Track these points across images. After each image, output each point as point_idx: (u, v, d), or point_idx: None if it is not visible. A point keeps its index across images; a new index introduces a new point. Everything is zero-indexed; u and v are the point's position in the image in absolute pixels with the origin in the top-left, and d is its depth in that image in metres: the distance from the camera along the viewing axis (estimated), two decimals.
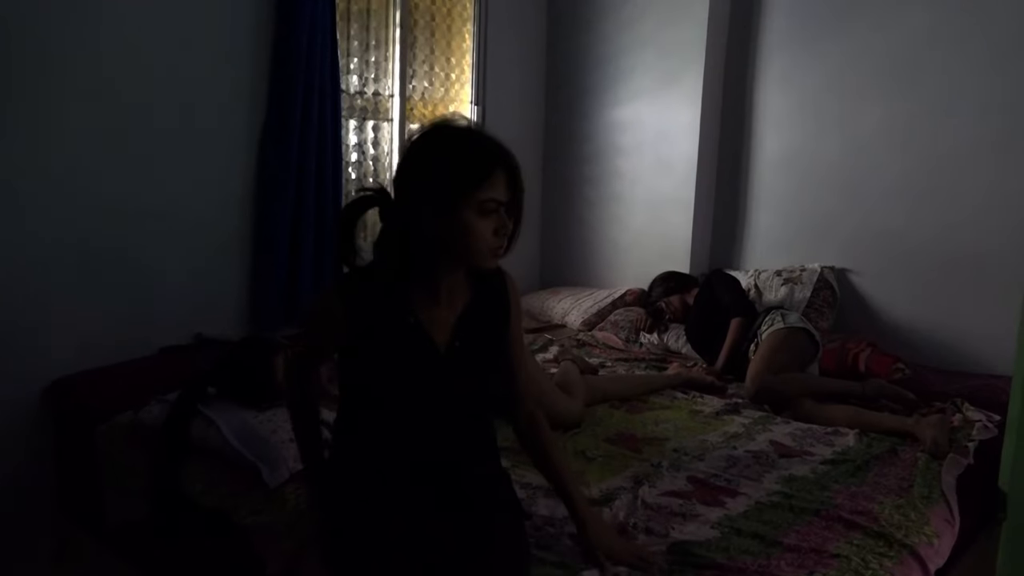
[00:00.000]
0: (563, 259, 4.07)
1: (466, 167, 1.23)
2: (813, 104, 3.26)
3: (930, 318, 3.01)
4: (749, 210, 3.52)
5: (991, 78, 2.79)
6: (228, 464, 1.81)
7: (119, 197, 2.43)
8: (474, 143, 1.27)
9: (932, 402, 2.39)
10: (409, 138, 1.31)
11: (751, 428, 2.24)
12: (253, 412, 1.93)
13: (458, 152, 1.25)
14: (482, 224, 1.24)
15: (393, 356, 1.31)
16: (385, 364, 1.31)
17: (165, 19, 2.46)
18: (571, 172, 3.96)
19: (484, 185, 1.23)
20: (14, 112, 2.18)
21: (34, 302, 2.28)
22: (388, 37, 3.31)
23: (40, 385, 2.32)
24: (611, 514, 1.62)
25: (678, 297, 3.18)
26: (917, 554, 1.54)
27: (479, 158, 1.24)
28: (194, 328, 2.67)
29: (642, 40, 3.59)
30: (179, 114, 2.55)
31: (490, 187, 1.23)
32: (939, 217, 2.95)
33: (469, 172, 1.23)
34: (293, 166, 2.76)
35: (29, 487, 2.34)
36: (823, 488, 1.80)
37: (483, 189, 1.23)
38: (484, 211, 1.24)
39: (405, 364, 1.32)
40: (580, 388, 2.35)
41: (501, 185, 1.25)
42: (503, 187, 1.25)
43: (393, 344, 1.31)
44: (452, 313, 1.35)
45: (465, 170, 1.23)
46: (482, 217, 1.24)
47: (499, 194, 1.24)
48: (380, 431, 1.36)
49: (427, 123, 1.37)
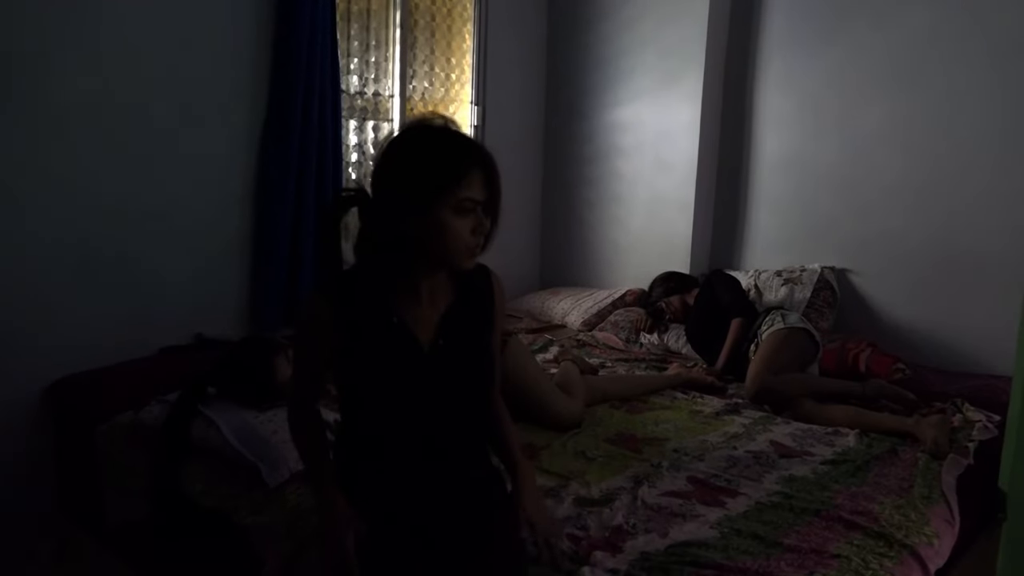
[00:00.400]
0: (563, 259, 4.07)
1: (442, 166, 1.24)
2: (813, 104, 3.26)
3: (930, 318, 3.01)
4: (749, 210, 3.52)
5: (991, 78, 2.79)
6: (228, 464, 1.81)
7: (119, 197, 2.43)
8: (450, 142, 1.27)
9: (932, 402, 2.39)
10: (386, 138, 1.31)
11: (751, 428, 2.24)
12: (253, 412, 1.93)
13: (434, 151, 1.25)
14: (459, 223, 1.24)
15: (378, 355, 1.31)
16: (371, 364, 1.31)
17: (165, 19, 2.46)
18: (571, 173, 3.96)
19: (460, 184, 1.23)
20: (14, 112, 2.18)
21: (34, 302, 2.28)
22: (388, 37, 3.31)
23: (40, 385, 2.32)
24: (611, 514, 1.62)
25: (678, 297, 3.18)
26: (917, 554, 1.54)
27: (455, 157, 1.24)
28: (194, 328, 2.67)
29: (642, 40, 3.59)
30: (179, 114, 2.55)
31: (467, 186, 1.23)
32: (939, 217, 2.95)
33: (445, 171, 1.23)
34: (293, 166, 2.76)
35: (29, 487, 2.34)
36: (823, 488, 1.80)
37: (459, 188, 1.23)
38: (460, 210, 1.24)
39: (390, 363, 1.32)
40: (580, 388, 2.35)
41: (477, 184, 1.25)
42: (479, 186, 1.25)
43: (378, 344, 1.31)
44: (435, 312, 1.36)
45: (441, 169, 1.23)
46: (458, 216, 1.24)
47: (476, 193, 1.24)
48: (374, 432, 1.36)
49: (403, 123, 1.37)
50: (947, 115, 2.90)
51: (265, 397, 1.98)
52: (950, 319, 2.95)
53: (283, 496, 1.68)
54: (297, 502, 1.65)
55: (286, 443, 1.77)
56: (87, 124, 2.33)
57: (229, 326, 2.75)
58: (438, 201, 1.23)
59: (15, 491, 2.30)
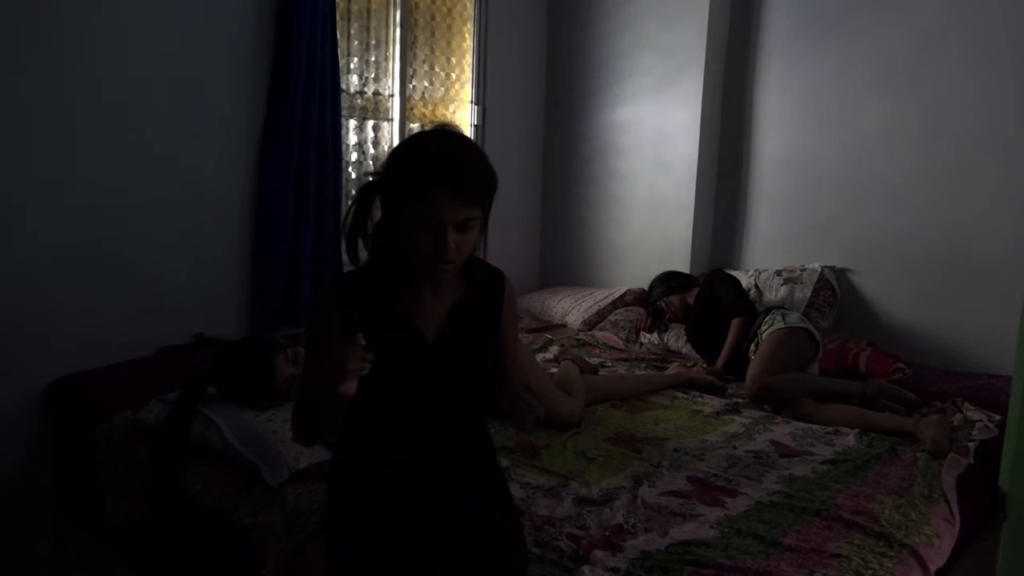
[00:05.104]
0: (563, 259, 4.07)
1: (407, 178, 1.24)
2: (813, 104, 3.26)
3: (930, 318, 3.01)
4: (749, 210, 3.52)
5: (991, 78, 2.79)
6: (228, 464, 1.81)
7: (119, 197, 2.43)
8: (430, 156, 1.24)
9: (932, 402, 2.39)
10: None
11: (751, 428, 2.24)
12: (253, 412, 1.93)
13: (410, 161, 1.26)
14: (422, 236, 1.24)
15: (383, 346, 1.31)
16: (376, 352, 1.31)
17: (165, 19, 2.46)
18: (571, 172, 3.96)
19: (421, 201, 1.21)
20: (14, 112, 2.18)
21: (35, 302, 2.28)
22: (388, 37, 3.31)
23: (40, 385, 2.32)
24: (611, 514, 1.62)
25: (678, 297, 3.18)
26: (917, 554, 1.54)
27: (422, 173, 1.22)
28: (194, 328, 2.67)
29: (642, 41, 3.59)
30: (179, 114, 2.54)
31: (429, 204, 1.21)
32: (939, 217, 2.95)
33: (408, 184, 1.23)
34: (293, 165, 2.76)
35: (29, 487, 2.34)
36: (823, 488, 1.80)
37: (420, 204, 1.22)
38: (423, 225, 1.23)
39: (394, 353, 1.32)
40: (580, 388, 2.35)
41: (444, 204, 1.21)
42: (449, 208, 1.21)
43: (382, 334, 1.32)
44: (441, 306, 1.37)
45: (405, 181, 1.24)
46: (422, 230, 1.23)
47: (441, 213, 1.21)
48: (378, 426, 1.36)
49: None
50: (946, 115, 2.90)
51: (265, 397, 1.98)
52: (950, 318, 2.95)
53: (283, 496, 1.68)
54: (297, 502, 1.65)
55: (286, 443, 1.78)
56: (86, 124, 2.33)
57: (229, 326, 2.75)
58: (405, 210, 1.24)
59: (15, 491, 2.30)
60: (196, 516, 1.81)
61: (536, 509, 1.64)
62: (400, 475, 1.38)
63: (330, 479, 1.50)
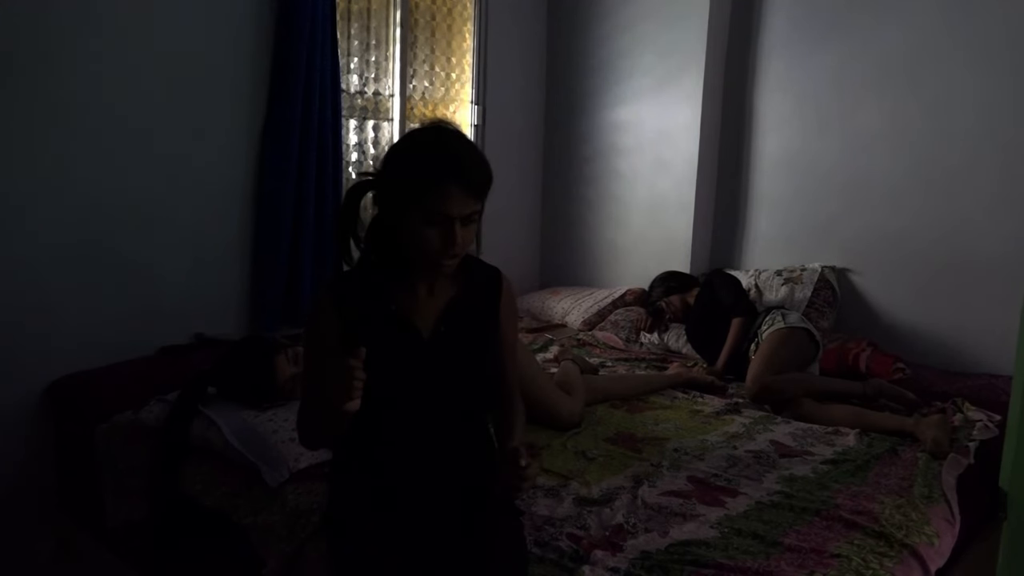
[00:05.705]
0: (563, 259, 4.07)
1: (416, 175, 1.24)
2: (813, 104, 3.26)
3: (930, 318, 3.01)
4: (749, 210, 3.52)
5: (991, 78, 2.78)
6: (228, 464, 1.81)
7: (119, 197, 2.43)
8: (435, 152, 1.25)
9: (933, 402, 2.39)
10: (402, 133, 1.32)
11: (751, 428, 2.24)
12: (253, 412, 1.93)
13: (414, 158, 1.26)
14: (429, 232, 1.24)
15: (378, 343, 1.31)
16: (373, 351, 1.31)
17: (165, 19, 2.46)
18: (571, 172, 3.96)
19: (427, 197, 1.22)
20: (14, 112, 2.18)
21: (35, 302, 2.28)
22: (388, 37, 3.31)
23: (40, 385, 2.32)
24: (611, 514, 1.62)
25: (678, 297, 3.18)
26: (918, 554, 1.54)
27: (432, 168, 1.23)
28: (194, 328, 2.67)
29: (642, 41, 3.59)
30: (179, 114, 2.54)
31: (439, 200, 1.22)
32: (939, 217, 2.95)
33: (417, 180, 1.23)
34: (293, 165, 2.76)
35: (29, 487, 2.34)
36: (823, 488, 1.80)
37: (430, 200, 1.22)
38: (430, 221, 1.23)
39: (390, 350, 1.33)
40: (580, 388, 2.35)
41: (454, 199, 1.22)
42: (457, 201, 1.23)
43: (377, 331, 1.32)
44: (437, 304, 1.37)
45: (414, 178, 1.24)
46: (429, 226, 1.24)
47: (449, 208, 1.22)
48: (378, 426, 1.36)
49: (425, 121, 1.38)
50: (946, 115, 2.90)
51: (265, 397, 1.98)
52: (950, 318, 2.95)
53: (283, 496, 1.68)
54: (297, 502, 1.65)
55: (286, 443, 1.78)
56: (86, 124, 2.33)
57: (229, 326, 2.75)
58: (410, 207, 1.24)
59: (15, 491, 2.30)
60: (196, 516, 1.81)
61: (536, 509, 1.64)
62: (400, 475, 1.38)
63: (330, 479, 1.51)
